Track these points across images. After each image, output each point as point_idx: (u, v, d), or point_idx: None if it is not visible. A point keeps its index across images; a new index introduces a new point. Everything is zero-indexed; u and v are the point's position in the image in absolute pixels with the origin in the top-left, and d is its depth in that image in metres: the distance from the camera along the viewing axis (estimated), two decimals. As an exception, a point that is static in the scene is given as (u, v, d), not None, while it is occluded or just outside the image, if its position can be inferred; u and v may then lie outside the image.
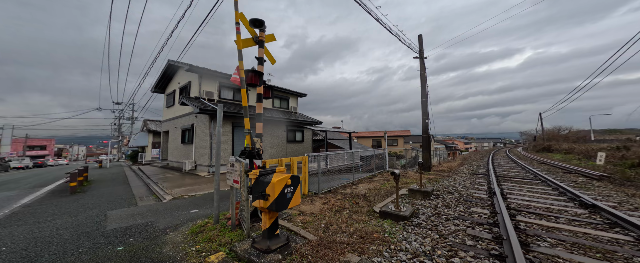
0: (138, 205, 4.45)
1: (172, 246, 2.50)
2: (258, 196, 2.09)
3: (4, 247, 2.46)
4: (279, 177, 2.02)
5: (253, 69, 3.59)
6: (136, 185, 7.23)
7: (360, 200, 4.55)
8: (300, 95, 16.48)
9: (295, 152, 13.49)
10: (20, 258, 2.22)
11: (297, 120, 13.56)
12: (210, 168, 9.23)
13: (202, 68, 10.41)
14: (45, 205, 4.64)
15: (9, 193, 6.45)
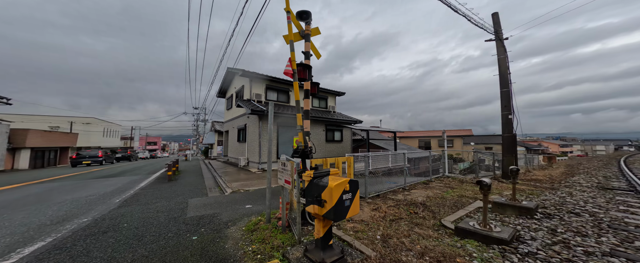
0: (208, 196, 5.13)
1: (232, 242, 2.60)
2: (312, 201, 1.86)
3: (125, 224, 3.13)
4: (336, 181, 1.71)
5: (302, 63, 3.43)
6: (207, 177, 8.58)
7: (419, 209, 3.81)
8: (339, 93, 16.10)
9: (334, 152, 13.24)
10: (133, 235, 2.75)
11: (336, 119, 13.25)
12: (259, 165, 10.06)
13: (252, 72, 11.47)
14: (152, 189, 6.00)
15: (135, 177, 8.84)
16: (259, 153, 10.06)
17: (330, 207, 1.67)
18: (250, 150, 11.29)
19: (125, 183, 7.26)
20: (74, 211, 3.91)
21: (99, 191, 5.85)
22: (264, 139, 10.33)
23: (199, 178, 8.44)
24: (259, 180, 7.36)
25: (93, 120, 30.63)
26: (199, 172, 10.31)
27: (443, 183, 6.34)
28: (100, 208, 4.11)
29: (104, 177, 9.18)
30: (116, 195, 5.24)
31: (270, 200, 3.24)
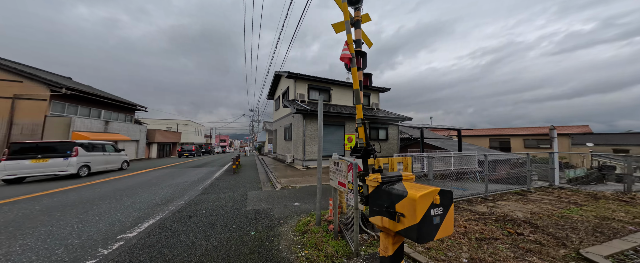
0: (262, 190, 5.55)
1: (285, 244, 2.56)
2: (381, 211, 1.50)
3: (203, 210, 3.68)
4: (421, 191, 1.28)
5: (356, 50, 3.07)
6: (260, 172, 9.49)
7: (525, 229, 2.79)
8: (382, 90, 14.77)
9: (381, 152, 12.23)
10: (208, 223, 3.17)
11: (382, 116, 12.14)
12: (304, 162, 10.32)
13: (296, 73, 11.92)
14: (222, 180, 7.09)
15: (212, 168, 10.82)
16: (303, 151, 10.34)
17: (413, 223, 1.26)
18: (295, 148, 11.80)
19: (205, 173, 8.87)
20: (175, 194, 4.94)
21: (190, 178, 7.40)
22: (307, 137, 10.54)
23: (255, 172, 9.39)
24: (304, 177, 7.47)
25: (189, 122, 40.44)
26: (254, 167, 11.55)
27: (553, 196, 4.64)
28: (190, 193, 5.05)
29: (194, 167, 11.62)
30: (200, 183, 6.43)
31: (320, 202, 3.06)
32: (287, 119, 13.64)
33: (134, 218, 3.27)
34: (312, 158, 10.48)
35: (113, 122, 16.00)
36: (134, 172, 9.67)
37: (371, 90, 14.40)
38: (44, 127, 11.71)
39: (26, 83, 11.68)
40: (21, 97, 11.45)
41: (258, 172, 9.55)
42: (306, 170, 9.22)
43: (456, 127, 11.67)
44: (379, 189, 1.59)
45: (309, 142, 10.53)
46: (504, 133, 22.59)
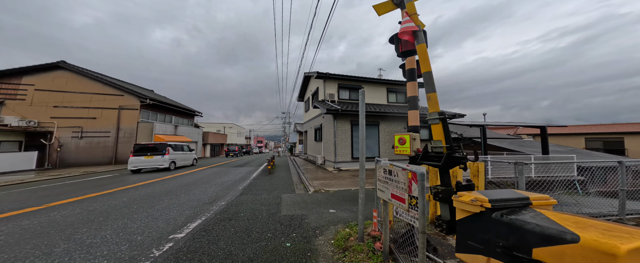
0: (295, 193, 5.40)
1: (324, 261, 2.11)
2: (489, 250, 0.93)
3: (242, 213, 3.63)
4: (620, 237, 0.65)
5: (410, 31, 2.47)
6: (293, 173, 9.51)
7: None
8: (421, 84, 13.13)
9: None
10: (245, 229, 3.10)
11: (423, 114, 10.73)
12: (335, 164, 9.86)
13: (325, 73, 11.62)
14: (259, 181, 7.36)
15: (250, 168, 11.53)
16: (334, 152, 9.90)
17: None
18: (326, 149, 11.47)
19: (245, 173, 9.42)
20: (220, 194, 5.25)
21: (233, 178, 7.95)
22: (338, 138, 10.07)
23: (287, 173, 9.43)
24: (336, 180, 7.01)
25: (232, 125, 45.56)
26: (287, 168, 11.72)
27: None
28: (232, 194, 5.29)
29: (236, 166, 12.58)
30: (240, 183, 6.80)
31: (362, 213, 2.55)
32: (317, 119, 13.48)
33: (186, 217, 3.42)
34: (344, 160, 9.94)
35: (180, 126, 18.87)
36: (195, 169, 11.24)
37: (408, 86, 13.03)
38: (137, 131, 14.51)
39: (126, 96, 14.73)
40: (123, 107, 14.49)
41: (291, 173, 9.57)
42: (338, 172, 8.75)
43: (539, 124, 9.15)
44: (483, 217, 1.01)
45: (340, 143, 10.03)
46: (613, 130, 16.72)
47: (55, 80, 13.67)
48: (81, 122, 13.70)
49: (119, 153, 14.05)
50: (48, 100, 13.33)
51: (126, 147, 14.19)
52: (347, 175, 8.17)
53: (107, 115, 14.24)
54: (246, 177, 8.25)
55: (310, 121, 15.61)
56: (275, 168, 11.22)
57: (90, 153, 13.59)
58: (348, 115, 10.20)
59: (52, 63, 13.51)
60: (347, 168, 9.69)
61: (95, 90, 14.25)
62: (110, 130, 14.12)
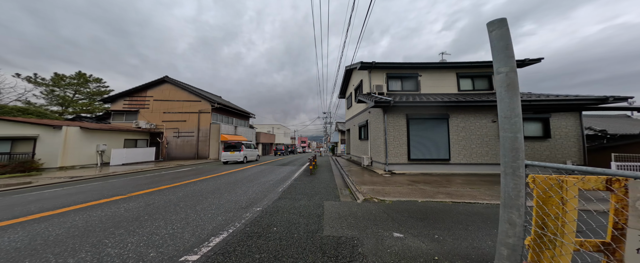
0: (340, 201, 4.46)
1: None
2: None
3: (274, 227, 3.01)
4: None
5: None
6: (336, 174, 8.64)
7: None
8: (523, 62, 9.51)
9: (528, 156, 7.61)
10: (273, 254, 2.23)
11: (538, 100, 7.47)
12: (386, 166, 8.27)
13: (370, 62, 10.15)
14: (299, 182, 6.85)
15: (293, 167, 11.54)
16: (385, 152, 8.33)
17: None
18: (373, 149, 9.97)
19: (287, 172, 9.29)
20: (258, 196, 4.89)
21: (275, 177, 7.81)
22: (390, 135, 8.42)
23: (330, 174, 8.63)
24: (391, 186, 5.56)
25: (280, 126, 50.31)
26: (329, 168, 10.97)
27: None
28: (270, 196, 4.85)
29: (281, 165, 12.95)
30: (281, 184, 6.45)
31: None
32: (361, 116, 12.10)
33: (214, 226, 2.96)
34: (398, 162, 8.22)
35: (238, 127, 21.78)
36: (251, 165, 12.60)
37: (490, 67, 9.77)
38: (210, 132, 17.62)
39: (203, 102, 18.17)
40: (201, 111, 17.93)
41: (333, 174, 8.71)
42: (390, 177, 7.19)
43: None
44: None
45: (393, 142, 8.36)
46: None
47: (164, 91, 18.16)
48: (177, 124, 17.62)
49: (199, 150, 17.23)
50: (160, 108, 17.80)
51: (203, 144, 17.23)
52: (403, 180, 6.54)
53: (192, 118, 17.73)
54: (288, 176, 7.94)
55: (353, 118, 14.33)
56: (317, 169, 10.64)
57: (182, 149, 17.28)
58: (403, 108, 8.40)
59: (161, 78, 18.02)
60: (402, 172, 7.93)
61: (185, 98, 18.04)
62: (193, 131, 17.53)
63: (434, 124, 8.21)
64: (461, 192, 4.86)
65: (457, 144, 8.01)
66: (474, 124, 8.03)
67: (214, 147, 17.34)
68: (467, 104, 7.75)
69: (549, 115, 7.49)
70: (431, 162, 8.11)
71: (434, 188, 5.30)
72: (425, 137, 8.22)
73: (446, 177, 6.87)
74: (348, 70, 14.40)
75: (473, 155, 7.89)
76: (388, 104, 7.88)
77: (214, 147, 17.33)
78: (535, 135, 7.63)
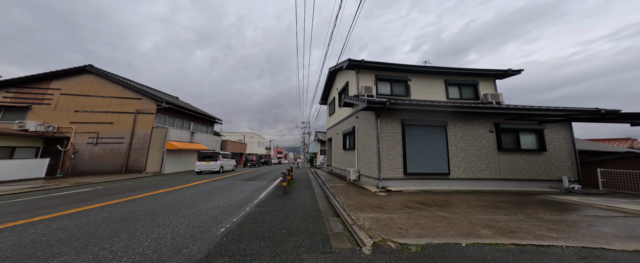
0: (334, 250, 2.56)
1: None
2: None
3: None
4: None
5: None
6: (318, 193, 6.69)
7: None
8: (499, 74, 9.53)
9: (525, 171, 6.96)
10: None
11: (535, 109, 6.99)
12: (379, 182, 6.73)
13: (359, 61, 8.98)
14: (265, 208, 4.69)
15: (262, 183, 8.99)
16: (377, 165, 6.83)
17: None
18: (362, 160, 8.42)
19: (253, 191, 6.94)
20: (191, 236, 2.89)
21: (228, 201, 5.43)
22: (384, 144, 7.01)
23: (310, 193, 6.64)
24: (398, 213, 3.93)
25: (253, 135, 45.85)
26: (308, 184, 8.94)
27: None
28: (207, 238, 2.83)
29: (246, 180, 10.22)
30: (231, 215, 4.20)
31: None
32: (347, 122, 10.65)
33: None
34: (392, 177, 6.77)
35: (197, 133, 17.99)
36: (202, 180, 9.22)
37: (479, 75, 9.53)
38: (151, 137, 13.70)
39: (144, 100, 14.30)
40: (140, 111, 13.99)
41: (314, 192, 6.75)
42: (387, 196, 5.60)
43: None
44: None
45: (387, 152, 6.95)
46: None
47: (82, 84, 13.70)
48: (98, 127, 13.21)
49: (130, 161, 13.09)
50: (71, 104, 13.21)
51: (138, 154, 13.20)
52: (406, 201, 5.02)
53: (124, 119, 13.65)
54: (251, 198, 5.69)
55: (337, 125, 12.84)
56: (293, 184, 8.51)
57: (103, 160, 12.81)
58: (398, 112, 7.19)
59: (80, 67, 13.62)
60: (399, 189, 6.46)
61: (116, 94, 13.93)
62: (124, 136, 13.39)
63: (431, 132, 7.13)
64: (504, 222, 3.48)
65: (456, 156, 7.01)
66: (471, 134, 7.22)
67: (156, 156, 13.48)
68: (468, 110, 6.93)
69: (543, 127, 7.15)
70: (429, 176, 6.89)
71: (458, 215, 3.84)
72: (422, 147, 7.04)
73: (454, 196, 5.60)
74: (332, 72, 13.15)
75: (472, 169, 6.96)
76: (383, 105, 6.53)
77: (155, 156, 13.45)
78: (531, 148, 7.15)
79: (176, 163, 15.00)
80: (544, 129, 7.15)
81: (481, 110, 6.79)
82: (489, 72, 9.30)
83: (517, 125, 7.18)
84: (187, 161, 16.33)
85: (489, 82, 9.68)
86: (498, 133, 7.13)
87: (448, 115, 7.21)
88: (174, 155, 14.74)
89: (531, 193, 6.11)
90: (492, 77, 9.65)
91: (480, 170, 6.93)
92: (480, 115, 7.21)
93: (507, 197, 5.56)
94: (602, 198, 5.46)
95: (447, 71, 9.31)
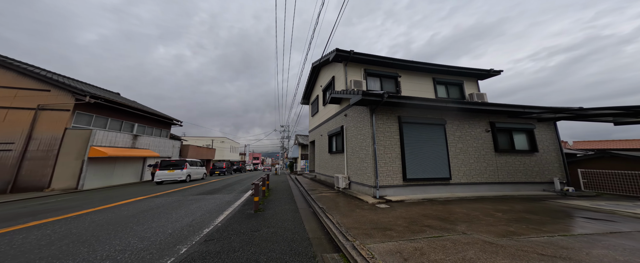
0: None
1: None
2: None
3: None
4: None
5: None
6: (302, 208, 5.21)
7: None
8: (482, 74, 9.56)
9: (520, 173, 6.59)
10: None
11: (523, 106, 6.71)
12: (376, 190, 5.59)
13: (348, 51, 7.95)
14: (220, 244, 3.09)
15: (227, 197, 6.85)
16: (374, 170, 5.69)
17: None
18: (352, 165, 7.22)
19: (208, 210, 5.07)
20: None
21: (162, 230, 3.66)
22: (381, 145, 5.93)
23: (292, 208, 5.10)
24: (427, 239, 2.73)
25: (225, 140, 41.12)
26: (289, 194, 7.32)
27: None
28: None
29: (206, 193, 8.02)
30: (176, 246, 2.63)
31: None
32: (334, 121, 9.43)
33: None
34: (391, 184, 5.70)
35: (143, 136, 14.49)
36: (136, 198, 6.65)
37: (462, 75, 9.37)
38: (62, 141, 10.18)
39: (54, 92, 10.72)
40: (45, 107, 10.35)
41: (297, 206, 5.24)
42: (389, 208, 4.43)
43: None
44: None
45: (384, 154, 5.88)
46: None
47: None
48: None
49: (23, 174, 9.31)
50: None
51: (39, 165, 9.58)
52: (417, 215, 3.91)
53: (13, 118, 9.85)
54: (200, 226, 3.82)
55: (321, 126, 11.54)
56: (269, 196, 6.79)
57: None
58: (396, 107, 6.24)
59: None
60: (400, 198, 5.39)
61: (4, 83, 10.18)
62: (14, 141, 9.62)
63: (430, 131, 6.34)
64: (567, 244, 2.52)
65: (455, 158, 6.33)
66: (469, 134, 6.67)
67: (70, 167, 9.92)
68: (466, 107, 6.33)
69: (533, 126, 7.01)
70: (430, 182, 6.02)
71: (500, 237, 2.81)
72: (421, 148, 6.18)
73: (464, 206, 4.72)
74: (315, 68, 11.92)
75: (472, 172, 6.35)
76: (380, 98, 5.47)
77: (68, 167, 9.88)
78: (524, 149, 6.92)
79: (106, 176, 11.57)
80: (534, 129, 7.02)
81: (480, 107, 6.27)
82: (473, 71, 9.23)
83: (511, 124, 6.90)
84: (126, 171, 12.93)
85: (472, 82, 9.64)
86: (494, 133, 6.73)
87: (445, 112, 6.55)
88: (102, 164, 11.34)
89: (534, 198, 5.67)
90: (475, 77, 9.64)
91: (480, 173, 6.36)
92: (477, 113, 6.73)
93: (521, 204, 4.91)
94: (608, 202, 5.22)
95: (436, 68, 8.92)
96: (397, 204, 5.05)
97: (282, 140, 33.23)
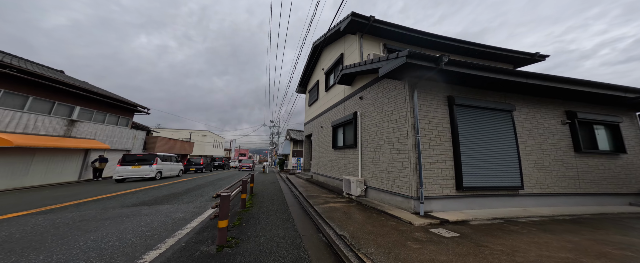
0: None
1: None
2: None
3: None
4: None
5: None
6: (305, 233, 3.11)
7: None
8: (525, 59, 7.99)
9: (606, 180, 4.87)
10: None
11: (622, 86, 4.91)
12: (420, 203, 3.59)
13: (368, 17, 5.92)
14: None
15: (184, 209, 4.48)
16: (416, 173, 3.69)
17: None
18: (371, 165, 5.13)
19: (128, 241, 2.94)
20: None
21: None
22: (425, 138, 3.94)
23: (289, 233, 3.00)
24: None
25: (208, 133, 37.42)
26: (281, 202, 5.10)
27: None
28: None
29: (159, 199, 5.65)
30: None
31: None
32: (343, 107, 7.33)
33: None
34: (440, 194, 3.73)
35: (86, 123, 11.38)
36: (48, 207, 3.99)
37: (499, 58, 7.71)
38: None
39: None
40: None
41: (296, 229, 3.13)
42: (460, 238, 2.40)
43: None
44: None
45: (428, 151, 3.90)
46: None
47: None
48: None
49: None
50: None
51: None
52: (509, 251, 1.93)
53: None
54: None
55: (322, 116, 9.40)
56: (252, 207, 4.50)
57: None
58: (444, 84, 4.28)
59: None
60: (459, 218, 3.42)
61: None
62: None
63: (493, 119, 4.47)
64: None
65: (526, 159, 4.51)
66: (541, 126, 4.89)
67: None
68: (540, 83, 4.42)
69: (620, 120, 5.35)
70: (494, 192, 4.14)
71: None
72: (481, 143, 4.27)
73: (556, 230, 2.86)
74: (316, 48, 9.80)
75: (548, 179, 4.56)
76: (434, 65, 3.47)
77: None
78: (608, 149, 5.25)
79: (14, 173, 8.33)
80: (620, 123, 5.38)
81: (562, 85, 4.36)
82: (514, 55, 7.60)
83: (596, 115, 5.20)
84: (54, 167, 9.80)
85: (511, 66, 8.05)
86: (572, 126, 5.00)
87: (509, 95, 4.70)
88: (7, 157, 8.23)
89: (632, 216, 3.98)
90: (512, 63, 8.07)
91: (557, 180, 4.59)
92: (551, 96, 4.92)
93: (631, 229, 3.13)
94: None
95: (472, 49, 7.15)
96: (458, 226, 3.10)
97: (272, 136, 30.69)
